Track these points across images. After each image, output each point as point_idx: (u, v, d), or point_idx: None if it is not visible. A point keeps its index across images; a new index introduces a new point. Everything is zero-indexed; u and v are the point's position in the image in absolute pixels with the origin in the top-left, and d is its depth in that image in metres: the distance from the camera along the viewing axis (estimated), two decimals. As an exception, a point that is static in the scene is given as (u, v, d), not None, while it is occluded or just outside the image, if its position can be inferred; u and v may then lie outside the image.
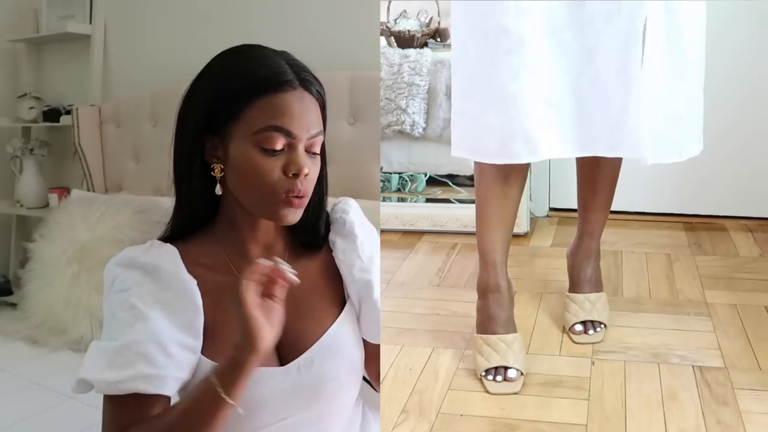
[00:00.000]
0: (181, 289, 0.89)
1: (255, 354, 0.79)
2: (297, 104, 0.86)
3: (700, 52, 1.45)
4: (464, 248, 2.23)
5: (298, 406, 0.91)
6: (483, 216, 1.51)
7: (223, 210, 0.94)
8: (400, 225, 2.38)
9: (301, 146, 0.87)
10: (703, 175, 2.34)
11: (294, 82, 0.87)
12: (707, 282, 1.94)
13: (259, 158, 0.86)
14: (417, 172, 2.41)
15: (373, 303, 0.97)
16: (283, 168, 0.86)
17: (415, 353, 1.63)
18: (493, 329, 1.51)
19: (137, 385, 0.83)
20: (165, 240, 0.94)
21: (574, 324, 1.65)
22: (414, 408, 1.43)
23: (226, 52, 0.92)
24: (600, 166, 1.62)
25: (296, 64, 0.90)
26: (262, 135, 0.85)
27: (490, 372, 1.48)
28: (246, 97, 0.86)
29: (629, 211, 2.43)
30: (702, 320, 1.73)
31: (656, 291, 1.90)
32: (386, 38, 2.44)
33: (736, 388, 1.44)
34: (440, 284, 2.00)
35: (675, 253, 2.15)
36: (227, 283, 0.92)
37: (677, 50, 1.38)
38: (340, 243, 0.99)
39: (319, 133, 0.89)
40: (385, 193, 2.41)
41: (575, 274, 1.71)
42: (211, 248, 0.94)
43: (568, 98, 1.36)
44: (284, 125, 0.85)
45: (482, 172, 1.49)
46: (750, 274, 1.99)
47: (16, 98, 3.03)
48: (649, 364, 1.55)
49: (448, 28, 2.45)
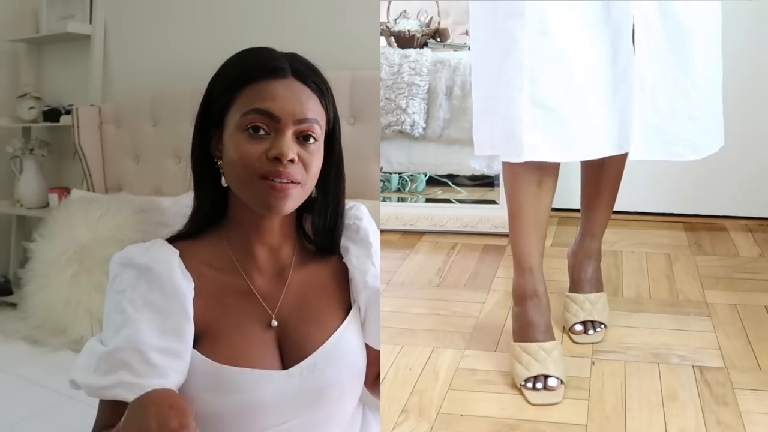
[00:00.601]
0: (172, 293, 0.88)
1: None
2: (283, 90, 0.87)
3: (713, 52, 1.44)
4: (464, 248, 2.23)
5: (300, 410, 0.91)
6: (517, 221, 1.49)
7: (230, 209, 0.94)
8: (400, 225, 2.38)
9: (289, 132, 0.86)
10: (703, 175, 2.34)
11: (285, 71, 0.88)
12: (707, 282, 1.94)
13: (244, 141, 0.86)
14: (417, 172, 2.41)
15: (378, 309, 0.98)
16: (266, 151, 0.86)
17: (415, 353, 1.62)
18: (532, 336, 1.47)
19: (118, 392, 0.83)
20: (173, 239, 0.95)
21: (574, 324, 1.65)
22: (414, 408, 1.43)
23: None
24: (604, 166, 1.62)
25: (297, 59, 0.91)
26: (245, 118, 0.86)
27: (530, 381, 1.44)
28: (237, 85, 0.88)
29: (629, 211, 2.43)
30: (702, 320, 1.73)
31: (656, 291, 1.90)
32: (386, 38, 2.44)
33: (736, 388, 1.44)
34: (440, 284, 2.00)
35: (675, 253, 2.15)
36: (232, 282, 0.93)
37: (682, 52, 1.37)
38: (354, 249, 0.99)
39: (312, 120, 0.88)
40: (385, 193, 2.41)
41: (576, 273, 1.71)
42: (218, 248, 0.94)
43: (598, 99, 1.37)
44: (267, 107, 0.86)
45: (514, 175, 1.47)
46: (750, 274, 1.99)
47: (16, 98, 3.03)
48: (649, 364, 1.55)
49: (448, 28, 2.45)
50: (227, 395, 0.88)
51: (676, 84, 1.39)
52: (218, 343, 0.89)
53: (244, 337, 0.91)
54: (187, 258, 0.92)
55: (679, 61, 1.38)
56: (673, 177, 2.37)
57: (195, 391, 0.89)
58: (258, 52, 0.91)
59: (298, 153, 0.87)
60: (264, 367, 0.90)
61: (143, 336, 0.85)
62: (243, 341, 0.91)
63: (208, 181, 0.93)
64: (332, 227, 0.97)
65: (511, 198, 1.50)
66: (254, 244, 0.94)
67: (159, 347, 0.85)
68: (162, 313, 0.87)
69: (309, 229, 0.98)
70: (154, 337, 0.85)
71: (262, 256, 0.95)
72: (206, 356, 0.89)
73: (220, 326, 0.90)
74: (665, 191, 2.41)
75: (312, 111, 0.89)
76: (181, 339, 0.87)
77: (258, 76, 0.87)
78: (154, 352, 0.85)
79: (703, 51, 1.41)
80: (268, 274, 0.96)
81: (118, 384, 0.83)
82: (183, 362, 0.87)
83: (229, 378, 0.88)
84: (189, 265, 0.91)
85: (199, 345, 0.90)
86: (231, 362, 0.89)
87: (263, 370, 0.89)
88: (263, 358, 0.91)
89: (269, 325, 0.93)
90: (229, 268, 0.94)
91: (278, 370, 0.91)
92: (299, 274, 0.97)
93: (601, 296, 1.68)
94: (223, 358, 0.88)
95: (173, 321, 0.87)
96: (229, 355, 0.89)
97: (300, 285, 0.96)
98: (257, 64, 0.89)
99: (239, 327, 0.92)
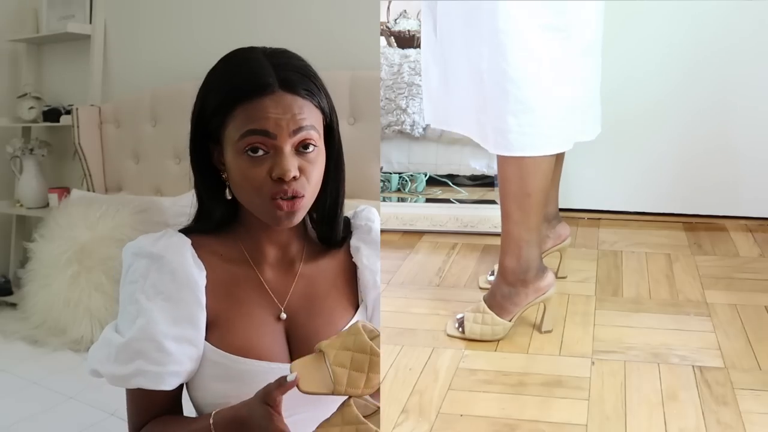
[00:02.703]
0: (184, 281, 0.90)
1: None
2: (274, 107, 0.86)
3: (595, 50, 1.59)
4: (464, 248, 2.23)
5: (306, 405, 0.92)
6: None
7: (239, 211, 0.96)
8: (400, 225, 2.38)
9: (288, 148, 0.86)
10: (703, 175, 2.34)
11: (272, 85, 0.86)
12: (707, 282, 1.94)
13: (245, 164, 0.87)
14: (417, 172, 2.41)
15: (379, 310, 1.00)
16: (268, 172, 0.87)
17: (415, 353, 1.63)
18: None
19: (139, 381, 0.87)
20: (185, 230, 0.96)
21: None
22: (414, 408, 1.43)
23: (221, 59, 0.93)
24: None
25: (284, 64, 0.89)
26: (243, 140, 0.86)
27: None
28: (226, 107, 0.88)
29: (629, 211, 2.43)
30: (702, 320, 1.73)
31: (656, 291, 1.90)
32: (386, 38, 2.44)
33: (736, 388, 1.44)
34: (440, 284, 2.00)
35: (675, 253, 2.14)
36: (243, 274, 0.95)
37: (572, 48, 1.50)
38: (365, 249, 1.01)
39: (307, 128, 0.88)
40: (385, 193, 2.41)
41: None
42: (228, 241, 0.96)
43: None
44: (260, 127, 0.86)
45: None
46: (750, 274, 1.99)
47: (16, 98, 3.03)
48: (649, 364, 1.55)
49: (448, 28, 2.45)
50: (235, 385, 0.90)
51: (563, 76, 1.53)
52: (228, 334, 0.91)
53: (254, 328, 0.93)
54: (199, 248, 0.94)
55: (567, 57, 1.52)
56: (673, 177, 2.37)
57: (204, 380, 0.92)
58: (243, 66, 0.89)
59: (299, 166, 0.87)
60: (272, 359, 0.92)
61: (157, 325, 0.88)
62: (252, 332, 0.93)
63: (216, 192, 0.94)
64: (332, 217, 0.99)
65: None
66: (264, 243, 0.97)
67: (173, 335, 0.88)
68: (174, 301, 0.89)
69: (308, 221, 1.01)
70: (167, 325, 0.88)
71: (272, 252, 0.97)
72: (215, 346, 0.91)
73: (229, 317, 0.92)
74: (665, 191, 2.41)
75: (306, 118, 0.88)
76: (195, 326, 0.90)
77: (246, 96, 0.86)
78: (169, 340, 0.87)
79: (588, 49, 1.57)
80: (278, 267, 0.98)
81: (138, 372, 0.87)
82: (197, 349, 0.90)
83: (238, 368, 0.90)
84: (200, 254, 0.93)
85: (208, 334, 0.91)
86: (240, 353, 0.91)
87: (271, 362, 0.91)
88: (272, 350, 0.93)
89: (278, 317, 0.95)
90: (239, 260, 0.96)
91: (286, 362, 0.92)
92: (309, 268, 0.99)
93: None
94: (232, 348, 0.90)
95: (186, 308, 0.90)
96: (239, 345, 0.91)
97: (309, 279, 0.98)
98: (243, 82, 0.87)
99: (249, 318, 0.93)
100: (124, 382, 0.89)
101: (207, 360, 0.91)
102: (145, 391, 0.88)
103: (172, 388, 0.89)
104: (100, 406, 1.67)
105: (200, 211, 0.97)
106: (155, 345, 0.87)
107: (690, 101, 2.29)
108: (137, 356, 0.87)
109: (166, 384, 0.88)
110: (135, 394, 0.91)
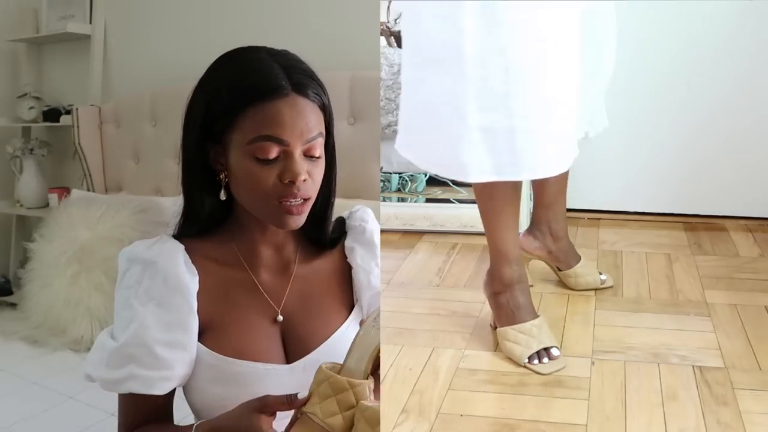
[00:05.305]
0: (175, 286, 0.90)
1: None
2: (288, 111, 0.85)
3: (610, 49, 1.61)
4: (464, 248, 2.23)
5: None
6: (501, 221, 1.57)
7: (233, 212, 0.95)
8: (400, 225, 2.38)
9: (298, 152, 0.87)
10: (703, 175, 2.34)
11: (285, 88, 0.86)
12: (707, 282, 1.94)
13: (255, 167, 0.86)
14: (417, 172, 2.41)
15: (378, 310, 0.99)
16: (279, 176, 0.86)
17: (415, 353, 1.62)
18: (523, 317, 1.56)
19: (131, 386, 0.87)
20: (179, 234, 0.96)
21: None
22: (414, 408, 1.43)
23: (221, 58, 0.92)
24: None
25: (292, 66, 0.88)
26: (254, 145, 0.85)
27: (534, 357, 1.53)
28: (237, 107, 0.86)
29: (629, 211, 2.43)
30: (702, 320, 1.73)
31: (656, 291, 1.90)
32: (386, 38, 2.44)
33: (736, 388, 1.44)
34: (440, 284, 2.00)
35: (675, 253, 2.14)
36: (238, 277, 0.95)
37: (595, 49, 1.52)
38: (360, 250, 1.01)
39: (317, 135, 0.88)
40: (385, 193, 2.41)
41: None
42: (223, 244, 0.96)
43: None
44: (275, 134, 0.85)
45: (495, 186, 1.50)
46: (750, 274, 1.99)
47: (16, 98, 3.04)
48: (649, 364, 1.55)
49: (448, 28, 2.45)
50: (231, 387, 0.90)
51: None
52: (224, 336, 0.91)
53: (249, 330, 0.93)
54: (193, 252, 0.93)
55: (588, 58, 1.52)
56: (673, 177, 2.37)
57: (200, 383, 0.92)
58: (252, 67, 0.88)
59: (306, 169, 0.88)
60: (268, 360, 0.92)
61: (149, 331, 0.88)
62: (248, 335, 0.93)
63: (210, 192, 0.93)
64: (321, 219, 0.99)
65: (491, 204, 1.56)
66: (259, 244, 0.96)
67: (164, 341, 0.88)
68: (166, 306, 0.89)
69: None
70: (159, 331, 0.88)
71: (266, 253, 0.97)
72: (211, 349, 0.91)
73: (225, 320, 0.92)
74: (665, 191, 2.41)
75: (316, 126, 0.88)
76: (186, 331, 0.90)
77: (257, 98, 0.85)
78: (160, 346, 0.87)
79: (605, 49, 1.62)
80: (273, 269, 0.97)
81: (130, 377, 0.87)
82: (189, 354, 0.90)
83: (234, 370, 0.90)
84: (194, 259, 0.93)
85: (204, 338, 0.91)
86: (236, 355, 0.91)
87: (267, 364, 0.91)
88: (268, 351, 0.93)
89: (275, 319, 0.95)
90: (234, 264, 0.95)
91: (282, 364, 0.92)
92: (303, 270, 0.99)
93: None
94: (228, 350, 0.91)
95: (177, 314, 0.89)
96: (234, 347, 0.91)
97: (304, 280, 0.98)
98: (256, 83, 0.86)
99: (245, 321, 0.93)
100: (115, 387, 0.89)
101: (202, 363, 0.90)
102: (136, 396, 0.88)
103: (163, 393, 0.89)
104: (100, 406, 1.67)
105: (190, 212, 0.95)
106: (147, 350, 0.87)
107: (690, 101, 2.29)
108: (129, 361, 0.87)
109: (158, 389, 0.88)
110: (126, 398, 0.91)
